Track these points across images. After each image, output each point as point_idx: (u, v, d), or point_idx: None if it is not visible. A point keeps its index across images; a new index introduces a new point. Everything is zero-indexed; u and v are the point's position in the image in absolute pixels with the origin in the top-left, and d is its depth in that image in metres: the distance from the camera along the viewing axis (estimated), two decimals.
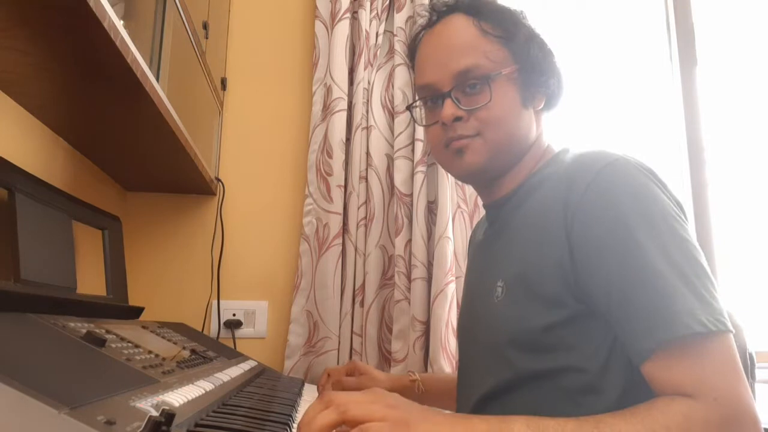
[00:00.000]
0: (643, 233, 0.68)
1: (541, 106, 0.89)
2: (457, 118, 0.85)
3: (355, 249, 1.51)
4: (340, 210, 1.52)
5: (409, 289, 1.47)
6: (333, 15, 1.59)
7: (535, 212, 0.80)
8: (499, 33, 0.86)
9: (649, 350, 0.65)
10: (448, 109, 0.84)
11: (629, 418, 0.62)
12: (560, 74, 0.90)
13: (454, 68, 0.85)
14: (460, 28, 0.87)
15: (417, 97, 0.94)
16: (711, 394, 0.62)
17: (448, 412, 0.93)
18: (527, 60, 0.86)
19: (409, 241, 1.49)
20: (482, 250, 0.95)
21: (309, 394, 1.15)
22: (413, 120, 1.06)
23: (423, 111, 0.94)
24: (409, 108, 1.00)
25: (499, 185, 0.90)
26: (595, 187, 0.72)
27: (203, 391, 0.69)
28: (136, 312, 1.10)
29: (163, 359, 0.76)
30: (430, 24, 0.92)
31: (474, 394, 0.83)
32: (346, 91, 1.56)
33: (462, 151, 0.85)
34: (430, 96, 0.89)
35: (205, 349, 1.03)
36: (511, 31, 0.87)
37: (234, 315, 1.54)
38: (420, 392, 1.11)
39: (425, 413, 0.62)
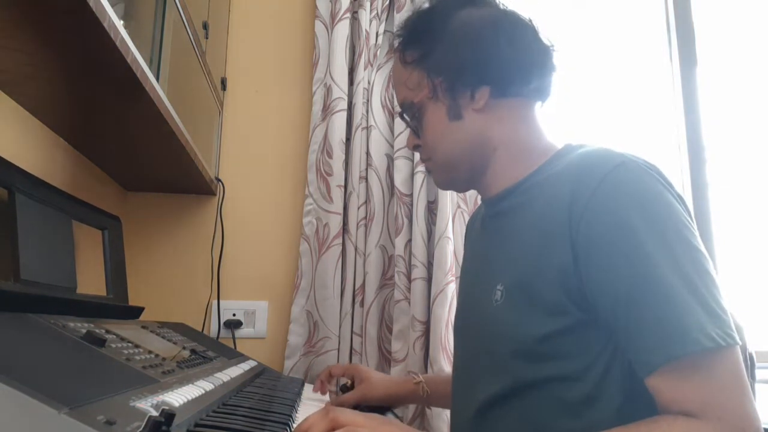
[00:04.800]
0: (653, 242, 0.66)
1: (486, 100, 0.82)
2: (416, 146, 0.92)
3: (355, 249, 1.51)
4: (340, 210, 1.52)
5: (409, 289, 1.47)
6: (333, 15, 1.59)
7: (537, 215, 0.77)
8: (414, 57, 0.87)
9: (657, 364, 0.64)
10: (409, 139, 0.94)
11: None
12: (511, 57, 0.82)
13: (399, 106, 0.93)
14: (394, 67, 0.94)
15: None
16: (715, 413, 0.61)
17: None
18: (446, 69, 0.83)
19: (409, 241, 1.49)
20: (481, 247, 0.93)
21: (309, 394, 1.14)
22: None
23: None
24: None
25: (486, 185, 0.88)
26: (601, 193, 0.69)
27: (203, 391, 0.69)
28: (136, 312, 1.10)
29: (163, 359, 0.76)
30: None
31: (474, 400, 0.81)
32: (346, 91, 1.56)
33: (429, 172, 0.97)
34: None
35: (205, 349, 1.03)
36: (427, 47, 0.86)
37: (234, 315, 1.54)
38: (425, 395, 1.09)
39: None
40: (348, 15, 1.58)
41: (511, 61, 0.82)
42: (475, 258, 0.95)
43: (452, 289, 1.44)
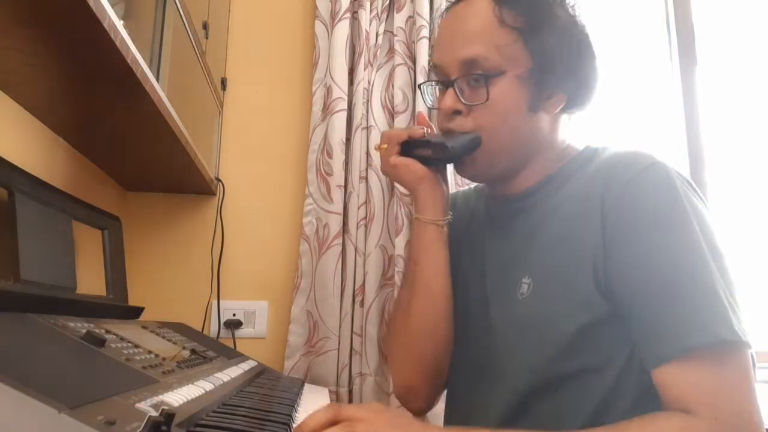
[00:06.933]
0: (679, 238, 0.68)
1: (559, 108, 0.82)
2: (457, 112, 0.81)
3: (355, 249, 1.51)
4: (340, 210, 1.52)
5: None
6: (333, 15, 1.59)
7: (569, 210, 0.77)
8: (519, 24, 0.77)
9: (670, 356, 0.64)
10: (448, 99, 0.81)
11: None
12: (590, 75, 0.83)
13: (461, 56, 0.79)
14: (477, 12, 0.80)
15: (429, 77, 0.91)
16: (713, 412, 0.61)
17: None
18: (548, 59, 0.78)
19: (409, 241, 1.49)
20: (493, 244, 0.89)
21: (309, 394, 1.14)
22: (422, 99, 0.94)
23: (436, 90, 0.90)
24: (419, 86, 0.94)
25: (510, 184, 0.86)
26: (634, 186, 0.71)
27: (203, 391, 0.69)
28: (136, 312, 1.10)
29: (163, 359, 0.76)
30: (455, 1, 0.85)
31: (502, 398, 0.80)
32: (346, 91, 1.56)
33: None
34: (439, 79, 0.85)
35: (205, 349, 1.03)
36: (535, 24, 0.78)
37: (234, 315, 1.54)
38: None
39: None
40: (348, 15, 1.58)
41: (593, 85, 0.85)
42: (484, 256, 0.90)
43: None
